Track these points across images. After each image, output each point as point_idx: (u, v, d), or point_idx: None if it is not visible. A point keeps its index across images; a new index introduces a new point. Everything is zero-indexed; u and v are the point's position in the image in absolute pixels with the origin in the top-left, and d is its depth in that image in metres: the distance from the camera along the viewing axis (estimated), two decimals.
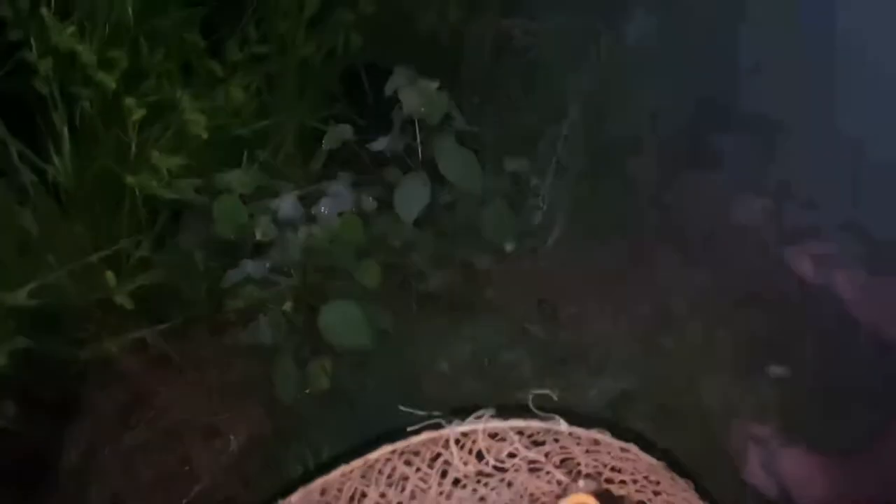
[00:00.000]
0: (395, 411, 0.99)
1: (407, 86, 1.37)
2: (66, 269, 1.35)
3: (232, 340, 1.45)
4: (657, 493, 1.02)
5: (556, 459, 0.99)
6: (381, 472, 0.98)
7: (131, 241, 1.42)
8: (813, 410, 1.38)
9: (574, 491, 0.99)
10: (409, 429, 0.94)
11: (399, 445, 0.94)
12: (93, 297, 1.39)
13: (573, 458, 0.99)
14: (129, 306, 1.37)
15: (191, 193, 1.40)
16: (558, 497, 1.01)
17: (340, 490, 0.99)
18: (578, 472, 0.99)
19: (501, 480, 1.02)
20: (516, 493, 1.02)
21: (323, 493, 0.98)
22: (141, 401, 1.43)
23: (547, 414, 0.95)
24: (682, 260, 1.60)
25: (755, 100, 1.69)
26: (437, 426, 0.94)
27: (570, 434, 0.96)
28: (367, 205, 1.43)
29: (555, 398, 0.94)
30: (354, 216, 1.39)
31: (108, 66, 1.35)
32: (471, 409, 0.96)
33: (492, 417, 0.95)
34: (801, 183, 1.66)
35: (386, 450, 0.95)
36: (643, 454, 0.96)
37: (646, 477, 1.02)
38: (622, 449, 0.96)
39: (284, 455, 1.35)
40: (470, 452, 0.97)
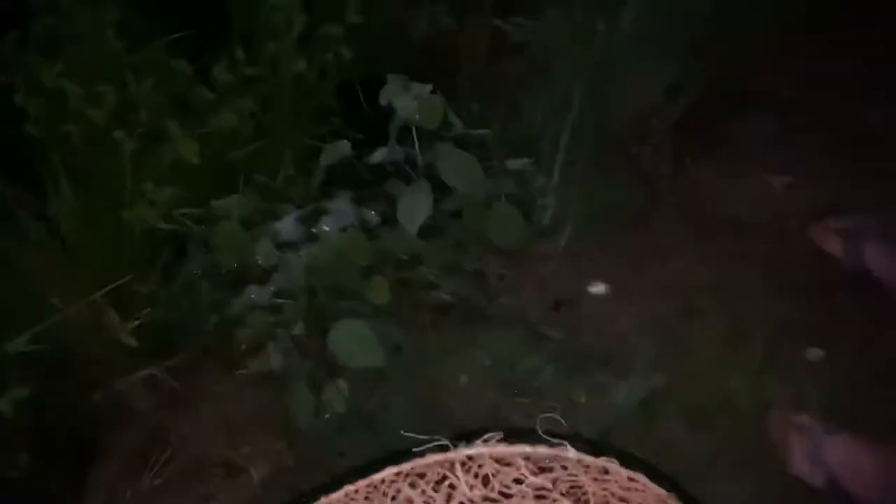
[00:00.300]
0: (412, 432, 0.97)
1: (401, 93, 1.34)
2: (69, 311, 1.33)
3: (243, 370, 1.42)
4: None
5: (564, 487, 0.98)
6: (385, 494, 0.97)
7: (134, 277, 1.40)
8: (854, 394, 1.33)
9: None
10: (414, 450, 0.93)
11: (404, 467, 0.94)
12: (98, 337, 1.37)
13: (581, 487, 0.98)
14: (133, 344, 1.35)
15: (189, 223, 1.38)
16: None
17: None
18: (586, 502, 0.98)
19: None
20: None
21: None
22: (157, 440, 1.42)
23: (555, 440, 0.94)
24: (700, 249, 1.57)
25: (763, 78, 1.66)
26: (443, 448, 0.94)
27: (578, 461, 0.96)
28: (369, 219, 1.40)
29: (563, 423, 0.95)
30: (357, 232, 1.36)
31: (96, 102, 1.34)
32: (479, 431, 0.95)
33: (499, 441, 0.95)
34: (817, 160, 1.62)
35: (391, 471, 0.94)
36: (651, 484, 0.94)
37: None
38: (630, 479, 0.95)
39: (308, 485, 1.32)
40: (476, 476, 0.96)
